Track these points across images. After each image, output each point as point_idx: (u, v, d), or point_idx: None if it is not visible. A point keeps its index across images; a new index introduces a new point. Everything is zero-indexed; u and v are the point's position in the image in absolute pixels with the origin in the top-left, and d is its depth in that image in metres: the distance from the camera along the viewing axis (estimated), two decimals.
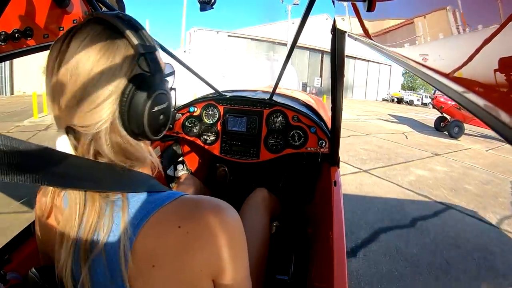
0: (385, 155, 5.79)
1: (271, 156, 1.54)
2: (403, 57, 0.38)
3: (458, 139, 8.62)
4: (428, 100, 27.30)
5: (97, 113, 0.46)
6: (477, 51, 0.23)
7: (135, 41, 0.47)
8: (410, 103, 28.13)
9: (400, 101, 29.15)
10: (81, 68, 0.45)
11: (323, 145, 1.49)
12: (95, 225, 0.46)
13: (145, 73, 0.48)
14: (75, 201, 0.47)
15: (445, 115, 9.46)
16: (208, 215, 0.49)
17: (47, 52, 0.50)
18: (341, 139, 1.44)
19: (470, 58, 0.24)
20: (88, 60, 0.45)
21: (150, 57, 0.48)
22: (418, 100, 28.33)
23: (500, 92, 0.21)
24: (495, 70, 0.21)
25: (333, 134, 1.40)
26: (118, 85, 0.46)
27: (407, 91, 34.15)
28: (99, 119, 0.46)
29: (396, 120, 12.67)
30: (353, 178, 4.26)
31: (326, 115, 1.89)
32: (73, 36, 0.46)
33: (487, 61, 0.22)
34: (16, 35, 0.67)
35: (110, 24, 0.47)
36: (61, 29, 0.82)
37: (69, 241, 0.47)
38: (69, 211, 0.48)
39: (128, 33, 0.47)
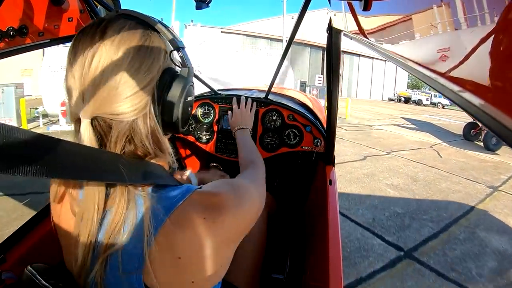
0: (432, 205, 3.62)
1: (267, 155, 1.52)
2: (400, 56, 0.38)
3: (496, 152, 7.07)
4: (437, 100, 25.58)
5: (136, 100, 0.46)
6: (474, 49, 0.22)
7: (170, 36, 0.51)
8: (419, 103, 26.53)
9: (407, 100, 27.60)
10: (122, 55, 0.45)
11: (319, 144, 1.47)
12: (123, 218, 0.46)
13: (177, 66, 0.53)
14: (93, 193, 0.45)
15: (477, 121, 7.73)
16: (227, 202, 0.50)
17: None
18: (356, 165, 2.26)
19: (467, 57, 0.23)
20: (129, 47, 0.46)
21: (183, 52, 0.54)
22: (427, 99, 26.65)
23: (498, 91, 0.20)
24: (494, 70, 0.20)
25: (329, 133, 1.39)
26: (156, 73, 0.48)
27: (414, 90, 32.30)
28: (137, 106, 0.46)
29: (414, 126, 10.76)
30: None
31: (322, 114, 1.80)
32: (106, 27, 0.46)
33: (486, 60, 0.21)
34: (11, 33, 0.67)
35: (141, 20, 0.50)
36: (57, 27, 0.81)
37: (87, 233, 0.46)
38: (86, 203, 0.46)
39: (162, 29, 0.50)
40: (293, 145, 1.50)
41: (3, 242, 0.79)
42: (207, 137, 1.56)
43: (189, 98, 0.53)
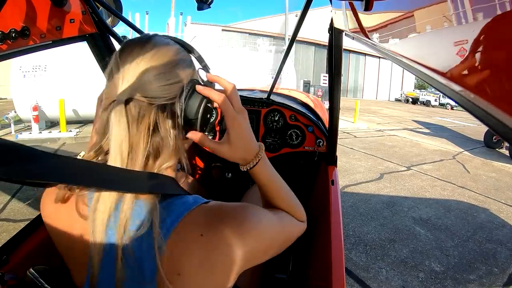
0: (478, 252, 2.72)
1: (269, 156, 1.44)
2: (401, 56, 0.37)
3: None
4: (445, 101, 24.54)
5: (168, 89, 0.52)
6: (476, 47, 0.22)
7: (197, 57, 0.61)
8: (427, 104, 25.45)
9: (415, 101, 26.55)
10: (166, 53, 0.53)
11: (321, 144, 1.46)
12: (128, 226, 0.47)
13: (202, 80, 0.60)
14: (105, 203, 0.48)
15: None
16: (226, 223, 0.49)
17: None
18: (371, 188, 1.71)
19: (470, 56, 0.23)
20: (171, 50, 0.54)
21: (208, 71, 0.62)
22: (435, 100, 25.56)
23: (500, 91, 0.20)
24: (495, 69, 0.20)
25: (331, 133, 1.38)
26: (188, 75, 0.55)
27: (422, 90, 31.23)
28: (167, 95, 0.51)
29: (428, 131, 9.90)
30: None
31: (324, 115, 1.78)
32: (152, 38, 0.55)
33: (490, 59, 0.21)
34: (13, 34, 0.67)
35: (178, 41, 0.60)
36: (59, 28, 0.81)
37: (100, 235, 0.48)
38: (100, 206, 0.48)
39: (193, 51, 0.60)
40: (295, 146, 1.51)
41: (6, 243, 0.80)
42: (209, 138, 1.38)
43: (210, 105, 0.57)
